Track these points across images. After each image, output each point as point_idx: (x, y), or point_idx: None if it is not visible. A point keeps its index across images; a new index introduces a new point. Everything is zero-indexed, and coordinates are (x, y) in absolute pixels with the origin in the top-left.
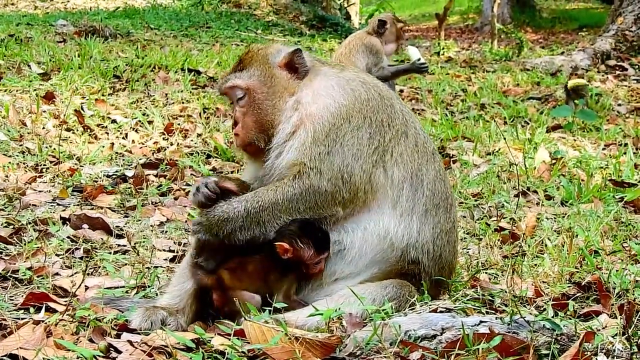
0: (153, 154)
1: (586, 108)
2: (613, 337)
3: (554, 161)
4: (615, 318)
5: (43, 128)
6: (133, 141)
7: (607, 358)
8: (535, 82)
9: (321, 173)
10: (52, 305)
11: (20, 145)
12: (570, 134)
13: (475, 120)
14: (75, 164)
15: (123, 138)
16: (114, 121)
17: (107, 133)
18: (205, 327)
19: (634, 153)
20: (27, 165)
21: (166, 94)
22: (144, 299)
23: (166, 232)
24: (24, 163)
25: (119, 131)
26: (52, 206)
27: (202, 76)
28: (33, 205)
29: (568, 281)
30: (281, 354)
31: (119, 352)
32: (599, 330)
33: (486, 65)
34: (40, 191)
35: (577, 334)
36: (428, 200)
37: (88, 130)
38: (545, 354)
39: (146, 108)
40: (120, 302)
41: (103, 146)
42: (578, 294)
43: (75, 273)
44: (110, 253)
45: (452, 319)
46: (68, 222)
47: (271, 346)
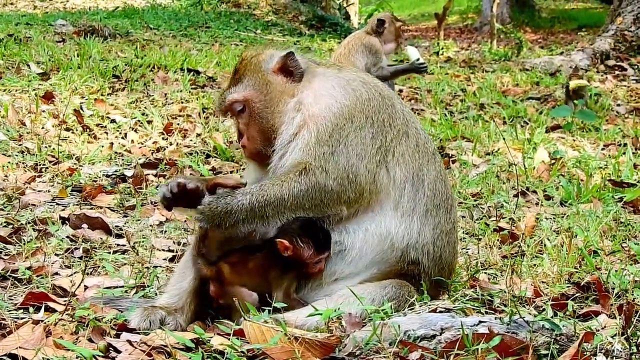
0: (152, 154)
1: (585, 108)
2: (612, 338)
3: (553, 161)
4: (614, 318)
5: (42, 128)
6: (132, 141)
7: (607, 358)
8: (534, 82)
9: (327, 172)
10: (52, 304)
11: (19, 145)
12: (569, 134)
13: (474, 120)
14: (74, 164)
15: (122, 138)
16: (113, 121)
17: (107, 133)
18: (204, 327)
19: (633, 153)
20: (27, 165)
21: (165, 94)
22: (143, 299)
23: (165, 232)
24: (23, 163)
25: (118, 131)
26: (52, 206)
27: (202, 76)
28: (32, 204)
29: (567, 281)
30: (280, 354)
31: (119, 352)
32: (598, 330)
33: (485, 65)
34: (39, 191)
35: (577, 334)
36: (429, 200)
37: (87, 130)
38: (544, 354)
39: (145, 108)
40: (119, 302)
41: (102, 146)
42: (577, 294)
43: (74, 273)
44: (109, 253)
45: (452, 319)
46: (67, 222)
47: (270, 346)
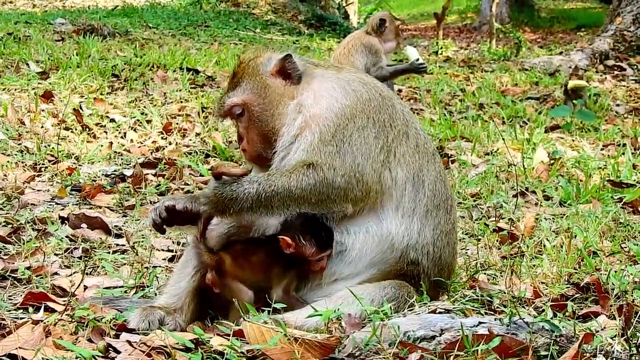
0: (152, 153)
1: (584, 108)
2: (612, 339)
3: (553, 161)
4: (614, 319)
5: (41, 127)
6: (131, 140)
7: (606, 359)
8: (533, 82)
9: (334, 169)
10: (51, 305)
11: (18, 144)
12: (568, 134)
13: (473, 120)
14: (73, 163)
15: (121, 137)
16: (113, 120)
17: (106, 132)
18: (204, 327)
19: (632, 153)
20: (26, 164)
21: (165, 93)
22: (143, 299)
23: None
24: (23, 162)
25: (118, 130)
26: (51, 205)
27: (201, 75)
28: (32, 204)
29: (567, 282)
30: (280, 355)
31: (118, 352)
32: (598, 331)
33: (484, 65)
34: (38, 190)
35: (576, 335)
36: (429, 201)
37: (86, 129)
38: (544, 355)
39: (145, 107)
40: (119, 302)
41: (102, 145)
42: (577, 295)
43: (74, 273)
44: (109, 253)
45: (451, 320)
46: (67, 222)
47: (270, 347)
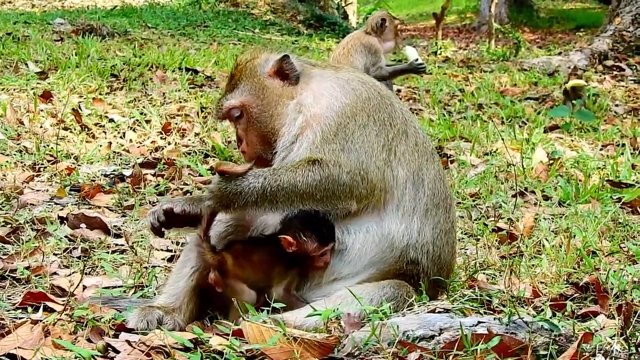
0: (151, 153)
1: (583, 108)
2: (611, 338)
3: (552, 161)
4: (613, 319)
5: (40, 127)
6: (131, 140)
7: (605, 359)
8: (532, 82)
9: (340, 166)
10: (50, 304)
11: (17, 144)
12: (567, 135)
13: (472, 120)
14: (72, 163)
15: (121, 137)
16: (112, 120)
17: (105, 132)
18: (203, 327)
19: (631, 153)
20: (25, 164)
21: (164, 93)
22: (142, 299)
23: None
24: (22, 162)
25: (117, 130)
26: (50, 205)
27: (200, 75)
28: (31, 204)
29: (566, 282)
30: (279, 354)
31: (117, 352)
32: (597, 331)
33: (483, 65)
34: (37, 190)
35: (575, 335)
36: (429, 200)
37: (85, 129)
38: (543, 355)
39: (144, 107)
40: (118, 302)
41: (101, 145)
42: (576, 295)
43: (73, 272)
44: (108, 252)
45: (450, 320)
46: (66, 222)
47: (269, 346)
